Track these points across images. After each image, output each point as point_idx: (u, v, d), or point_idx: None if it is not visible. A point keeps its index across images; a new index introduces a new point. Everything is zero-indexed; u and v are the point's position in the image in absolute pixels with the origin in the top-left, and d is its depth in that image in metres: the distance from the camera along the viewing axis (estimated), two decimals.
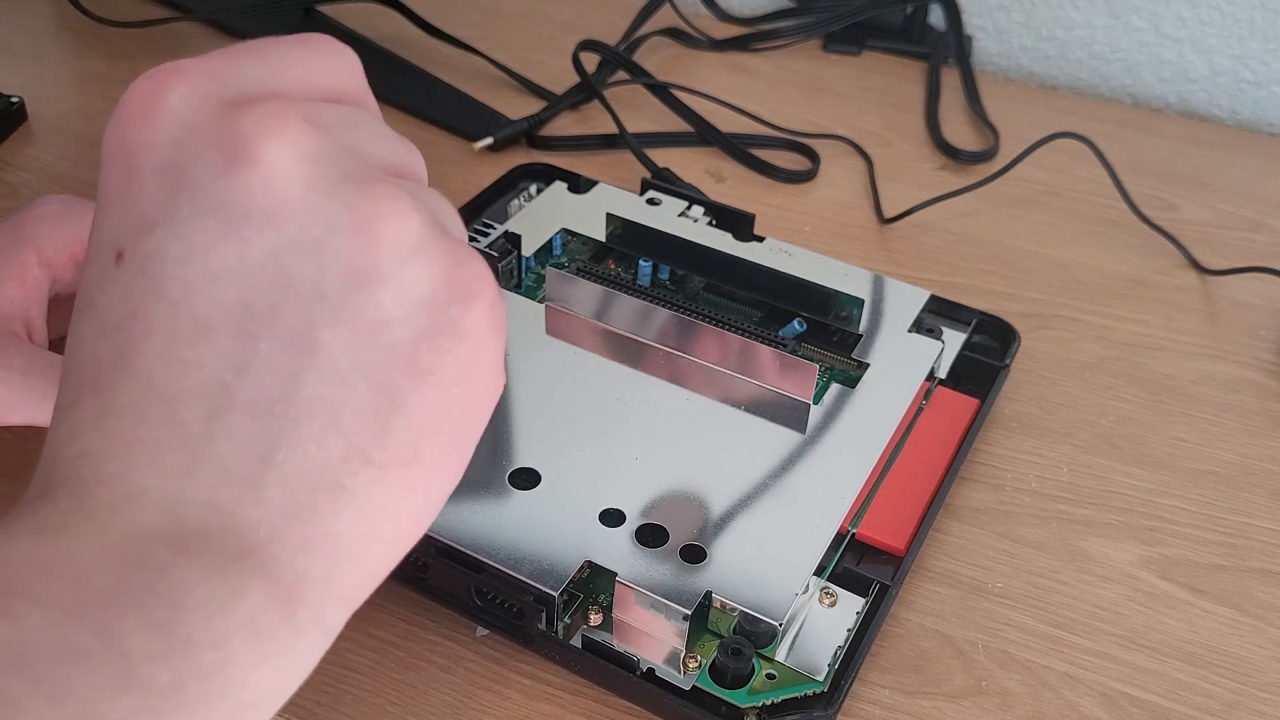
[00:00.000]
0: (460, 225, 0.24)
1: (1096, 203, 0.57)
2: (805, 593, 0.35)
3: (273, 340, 0.21)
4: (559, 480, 0.37)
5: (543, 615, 0.34)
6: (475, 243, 0.46)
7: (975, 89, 0.66)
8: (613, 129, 0.59)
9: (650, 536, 0.35)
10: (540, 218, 0.48)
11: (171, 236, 0.21)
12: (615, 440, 0.38)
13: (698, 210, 0.49)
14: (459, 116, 0.61)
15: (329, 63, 0.24)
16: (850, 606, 0.36)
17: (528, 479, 0.37)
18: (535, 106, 0.62)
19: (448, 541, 0.34)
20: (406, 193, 0.22)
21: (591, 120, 0.62)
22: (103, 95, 0.62)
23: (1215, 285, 0.53)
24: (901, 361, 0.42)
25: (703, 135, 0.60)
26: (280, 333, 0.21)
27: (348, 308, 0.21)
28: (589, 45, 0.63)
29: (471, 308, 0.22)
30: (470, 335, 0.23)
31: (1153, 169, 0.60)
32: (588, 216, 0.48)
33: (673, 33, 0.69)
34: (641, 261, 0.47)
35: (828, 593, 0.36)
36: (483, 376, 0.23)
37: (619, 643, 0.34)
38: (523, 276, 0.47)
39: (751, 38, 0.69)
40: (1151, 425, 0.45)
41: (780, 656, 0.34)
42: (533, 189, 0.52)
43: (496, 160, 0.58)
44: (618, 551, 0.35)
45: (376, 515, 0.22)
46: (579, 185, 0.51)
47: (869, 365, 0.42)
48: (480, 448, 0.24)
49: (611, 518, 0.36)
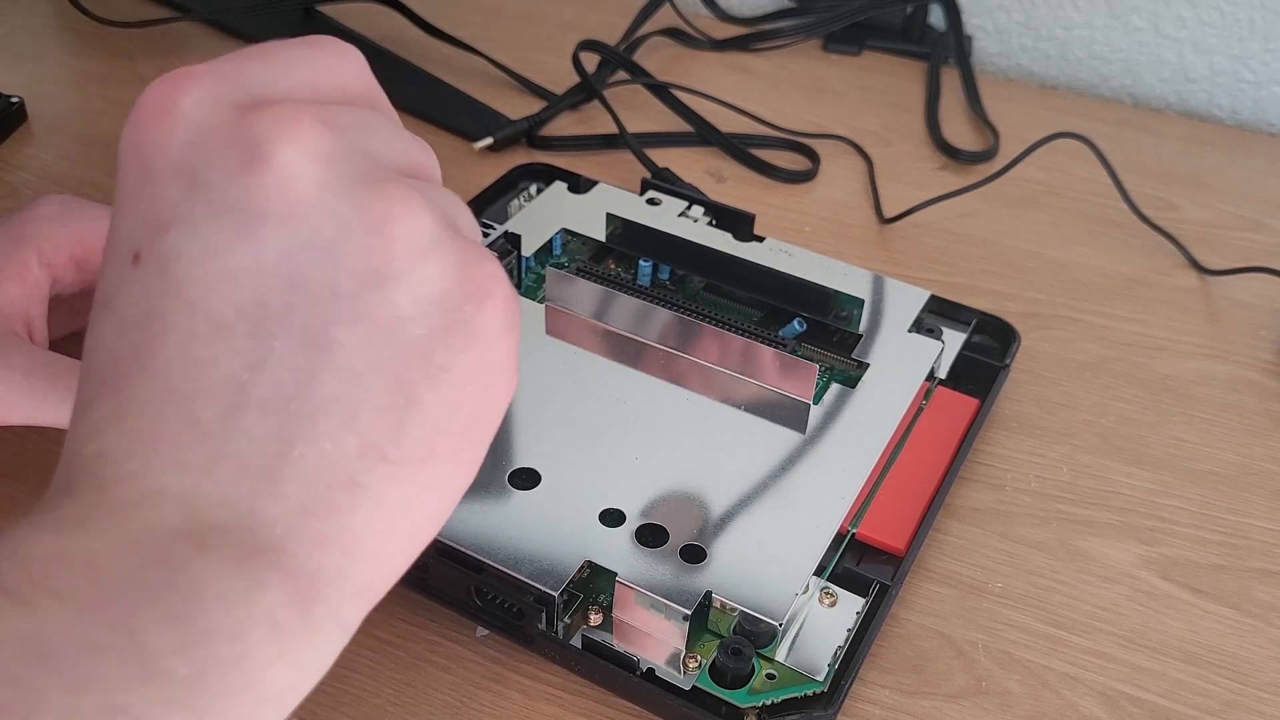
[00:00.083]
0: (473, 225, 0.25)
1: (1096, 203, 0.57)
2: (805, 593, 0.35)
3: (288, 339, 0.21)
4: (559, 480, 0.37)
5: (543, 615, 0.34)
6: None
7: (975, 89, 0.66)
8: (613, 129, 0.59)
9: (650, 536, 0.35)
10: (540, 218, 0.48)
11: (188, 237, 0.21)
12: (615, 440, 0.38)
13: (698, 210, 0.49)
14: (459, 116, 0.61)
15: (336, 64, 0.24)
16: (850, 606, 0.36)
17: (528, 479, 0.37)
18: (535, 106, 0.62)
19: (448, 541, 0.34)
20: (419, 193, 0.22)
21: (591, 120, 0.62)
22: (103, 95, 0.62)
23: (1215, 285, 0.53)
24: (901, 361, 0.42)
25: (703, 135, 0.60)
26: (295, 331, 0.21)
27: (362, 306, 0.21)
28: (589, 45, 0.63)
29: (485, 307, 0.23)
30: (484, 334, 0.23)
31: (1153, 169, 0.60)
32: (588, 216, 0.48)
33: (673, 33, 0.69)
34: (641, 261, 0.47)
35: (828, 593, 0.36)
36: (496, 375, 0.23)
37: (619, 643, 0.34)
38: (523, 276, 0.47)
39: (751, 38, 0.69)
40: (1151, 425, 0.45)
41: (780, 656, 0.34)
42: (533, 189, 0.52)
43: (496, 160, 0.58)
44: (618, 551, 0.35)
45: (392, 512, 0.22)
46: (579, 185, 0.51)
47: (869, 365, 0.42)
48: None
49: (611, 518, 0.36)
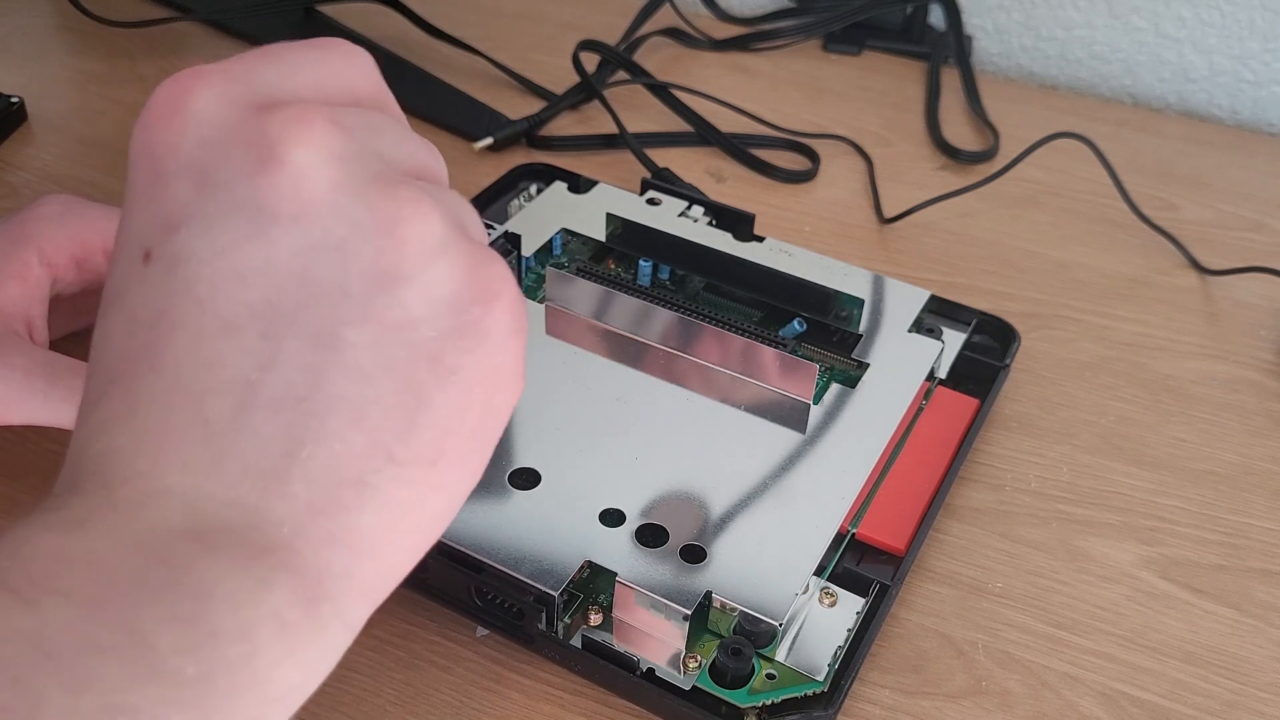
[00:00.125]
0: (481, 227, 0.25)
1: (1096, 203, 0.57)
2: (805, 593, 0.35)
3: (298, 338, 0.21)
4: (559, 480, 0.37)
5: (543, 615, 0.34)
6: None
7: (975, 89, 0.66)
8: (613, 129, 0.59)
9: (650, 536, 0.35)
10: (540, 218, 0.48)
11: (199, 236, 0.21)
12: (615, 440, 0.38)
13: (698, 210, 0.49)
14: (459, 116, 0.61)
15: (345, 66, 0.24)
16: (850, 606, 0.36)
17: (528, 479, 0.37)
18: (535, 106, 0.62)
19: (448, 541, 0.34)
20: (429, 195, 0.22)
21: (591, 120, 0.62)
22: (103, 95, 0.62)
23: (1215, 285, 0.53)
24: (901, 361, 0.42)
25: (703, 135, 0.60)
26: (305, 331, 0.21)
27: (372, 307, 0.21)
28: (589, 45, 0.63)
29: (493, 308, 0.23)
30: (492, 335, 0.23)
31: (1153, 169, 0.60)
32: (588, 216, 0.48)
33: (673, 33, 0.69)
34: (641, 261, 0.47)
35: (828, 593, 0.36)
36: (504, 377, 0.23)
37: (619, 643, 0.34)
38: (523, 276, 0.47)
39: (751, 38, 0.69)
40: (1151, 425, 0.45)
41: (780, 656, 0.34)
42: (533, 189, 0.52)
43: (496, 160, 0.58)
44: (618, 551, 0.35)
45: (399, 512, 0.22)
46: (579, 185, 0.51)
47: (869, 365, 0.42)
48: None
49: (611, 518, 0.36)
